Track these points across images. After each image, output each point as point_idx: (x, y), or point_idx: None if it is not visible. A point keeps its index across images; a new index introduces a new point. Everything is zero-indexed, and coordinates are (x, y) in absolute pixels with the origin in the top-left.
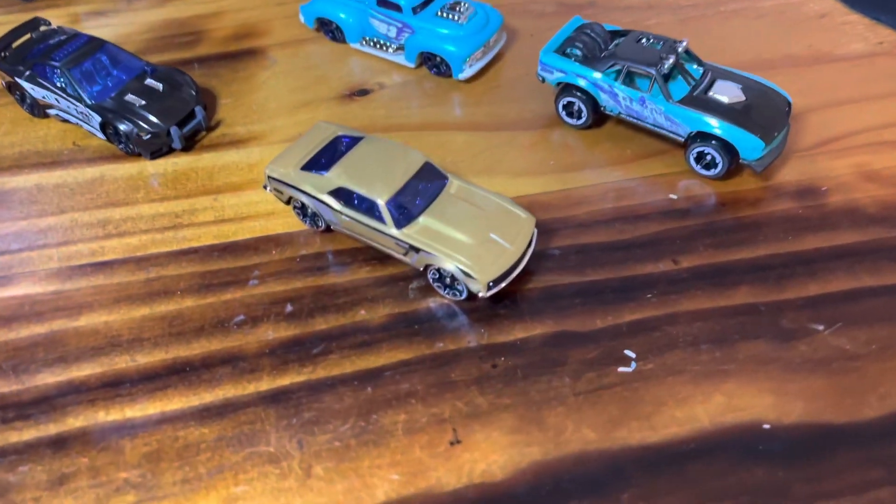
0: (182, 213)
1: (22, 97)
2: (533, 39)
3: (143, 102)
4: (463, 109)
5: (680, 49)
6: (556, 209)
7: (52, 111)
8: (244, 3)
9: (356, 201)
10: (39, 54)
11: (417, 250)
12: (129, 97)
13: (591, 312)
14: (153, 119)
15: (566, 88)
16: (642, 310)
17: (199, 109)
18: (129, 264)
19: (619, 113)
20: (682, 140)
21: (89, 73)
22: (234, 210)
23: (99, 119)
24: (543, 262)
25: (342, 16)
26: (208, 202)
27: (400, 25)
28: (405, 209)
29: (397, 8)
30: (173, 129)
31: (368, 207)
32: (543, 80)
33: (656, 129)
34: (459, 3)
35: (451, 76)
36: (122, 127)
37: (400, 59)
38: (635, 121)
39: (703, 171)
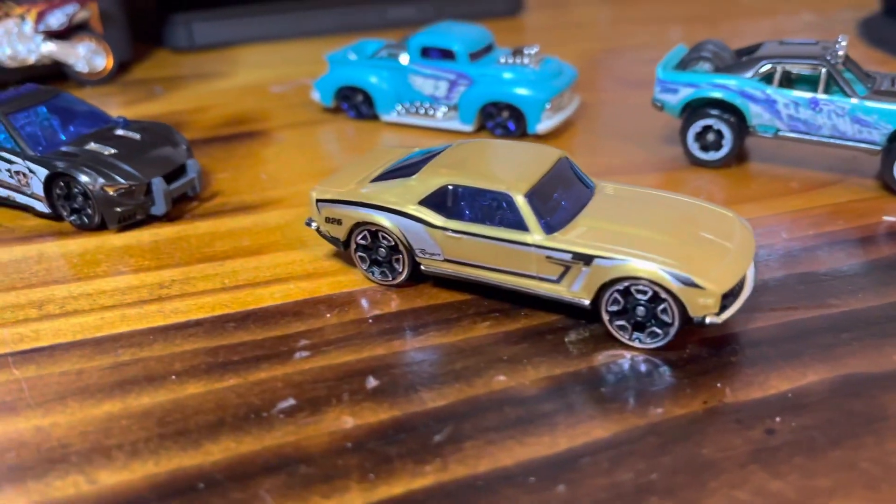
0: (170, 283)
1: None
2: (607, 106)
3: (114, 151)
4: None
5: (844, 42)
6: None
7: None
8: (230, 100)
9: (468, 209)
10: None
11: (588, 261)
12: (94, 145)
13: (879, 347)
14: (127, 168)
15: (697, 111)
16: None
17: (192, 163)
18: (82, 348)
19: (777, 132)
20: (877, 148)
21: (35, 120)
22: (250, 274)
23: (45, 173)
24: (759, 295)
25: (373, 80)
26: (210, 269)
27: (453, 78)
28: (551, 209)
29: (449, 56)
30: (156, 183)
31: (493, 211)
32: (662, 107)
33: (834, 140)
34: (524, 49)
35: (523, 134)
36: (83, 178)
37: (453, 123)
38: (801, 136)
39: None
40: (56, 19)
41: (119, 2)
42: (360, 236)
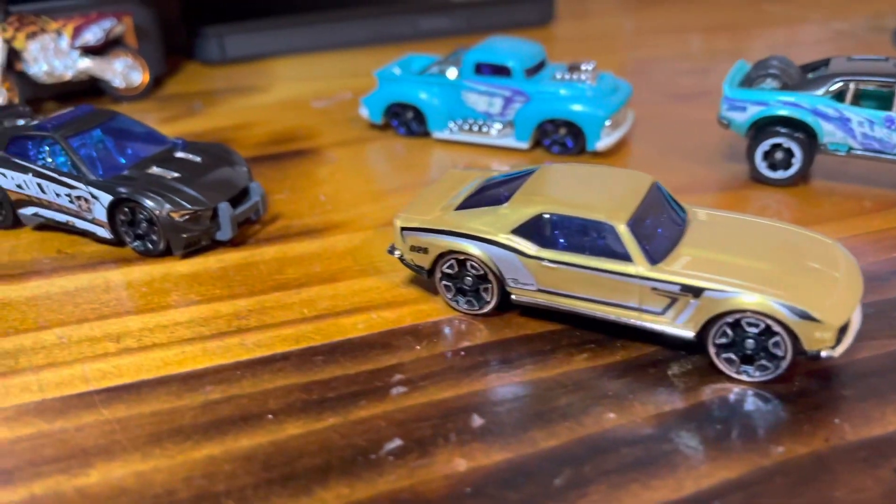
0: (246, 313)
1: None
2: (657, 120)
3: (178, 175)
4: None
5: None
6: None
7: (27, 210)
8: (272, 116)
9: (563, 238)
10: (18, 130)
11: (697, 293)
12: (156, 169)
13: None
14: (192, 193)
15: (765, 129)
16: None
17: (256, 186)
18: (168, 385)
19: (850, 150)
20: None
21: (94, 143)
22: (328, 303)
23: (109, 199)
24: None
25: (423, 96)
26: (286, 298)
27: (508, 94)
28: (650, 238)
29: (505, 72)
30: (223, 208)
31: (591, 241)
32: (728, 125)
33: None
34: (581, 64)
35: (582, 151)
36: (149, 203)
37: (508, 140)
38: (875, 154)
39: None
40: (93, 34)
41: (153, 15)
42: (447, 265)
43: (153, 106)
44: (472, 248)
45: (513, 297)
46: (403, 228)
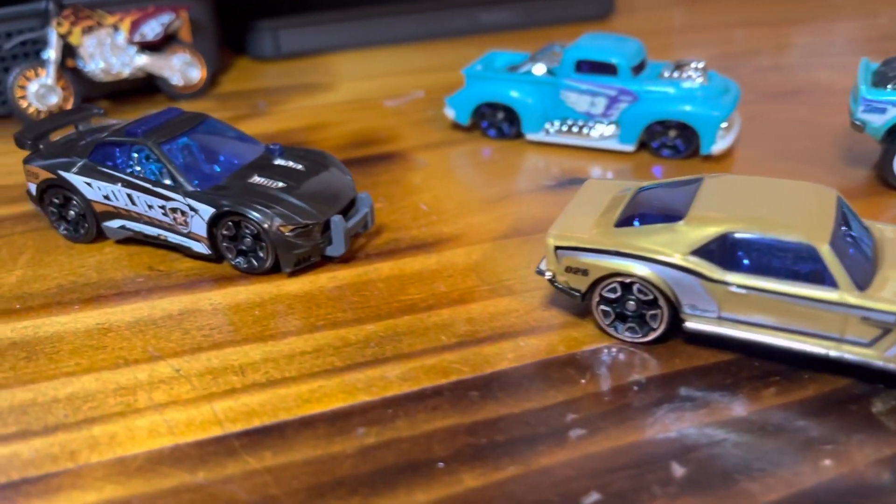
0: (377, 340)
1: (62, 208)
2: (757, 122)
3: (282, 185)
4: None
5: None
6: None
7: (113, 223)
8: (345, 116)
9: (748, 259)
10: (103, 135)
11: None
12: (258, 179)
13: None
14: (301, 205)
15: None
16: None
17: (365, 196)
18: (314, 427)
19: None
20: None
21: (186, 150)
22: (466, 328)
23: (210, 212)
24: None
25: (516, 95)
26: (417, 322)
27: (613, 94)
28: (850, 260)
29: (610, 70)
30: (336, 221)
31: (784, 264)
32: (863, 128)
33: None
34: (692, 62)
35: (694, 154)
36: (255, 216)
37: (611, 142)
38: None
39: None
40: (151, 29)
41: (209, 9)
42: (609, 288)
43: (213, 105)
44: (643, 270)
45: (687, 324)
46: (558, 248)
